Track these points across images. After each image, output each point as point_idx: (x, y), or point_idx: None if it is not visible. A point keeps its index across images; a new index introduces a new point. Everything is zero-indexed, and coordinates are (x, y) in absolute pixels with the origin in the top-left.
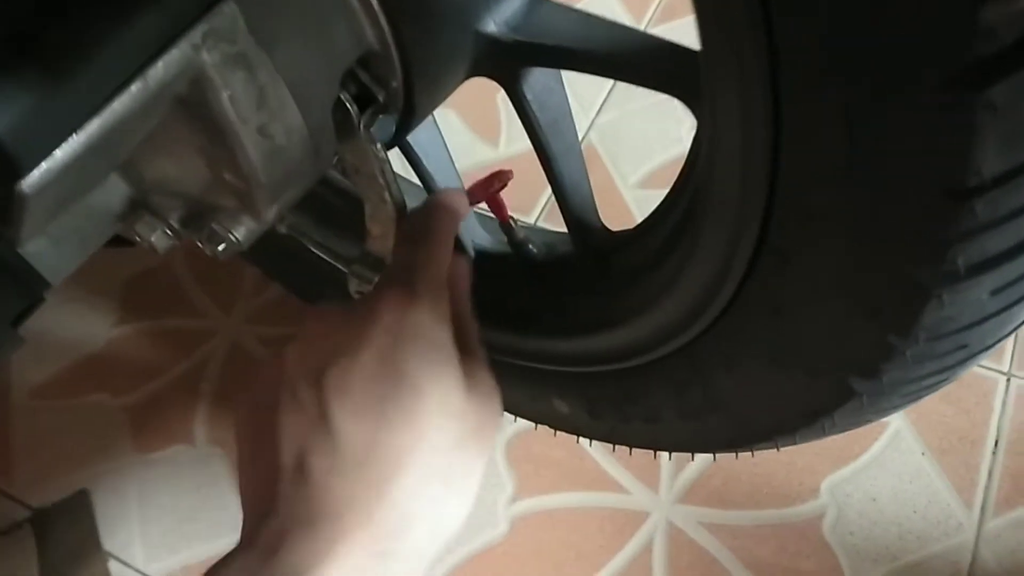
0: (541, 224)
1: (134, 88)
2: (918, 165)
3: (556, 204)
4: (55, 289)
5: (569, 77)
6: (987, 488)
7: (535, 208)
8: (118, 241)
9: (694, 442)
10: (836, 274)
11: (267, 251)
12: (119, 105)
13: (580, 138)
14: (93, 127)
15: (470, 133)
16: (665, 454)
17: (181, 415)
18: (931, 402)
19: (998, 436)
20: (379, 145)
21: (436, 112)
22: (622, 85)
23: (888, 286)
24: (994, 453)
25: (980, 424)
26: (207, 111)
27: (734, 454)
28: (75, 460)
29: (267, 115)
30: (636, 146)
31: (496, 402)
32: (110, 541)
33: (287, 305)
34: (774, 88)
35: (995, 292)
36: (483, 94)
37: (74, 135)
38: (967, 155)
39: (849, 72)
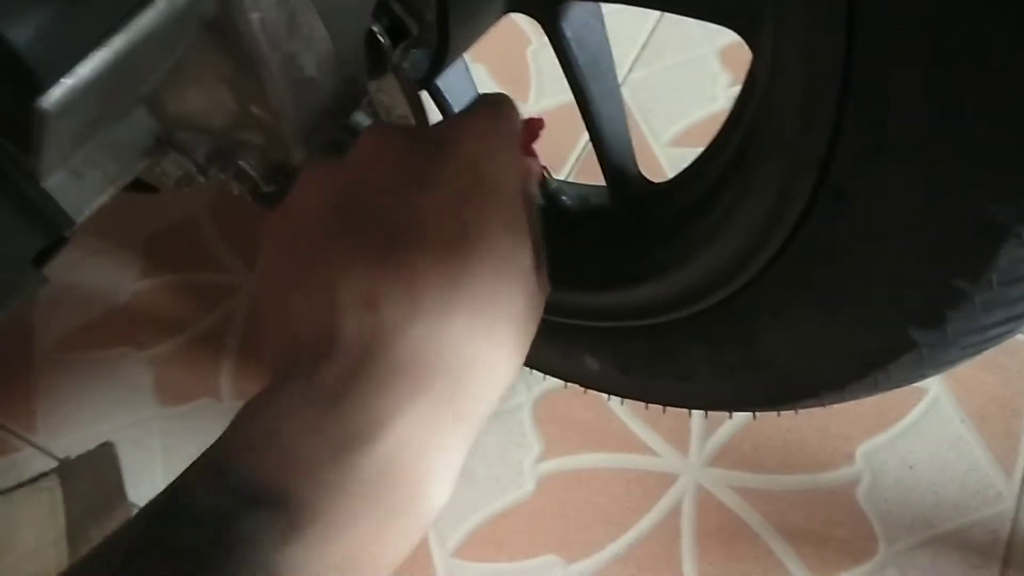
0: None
1: (160, 2)
2: (1001, 86)
3: (585, 161)
4: (81, 242)
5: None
6: None
7: (565, 165)
8: (141, 186)
9: (730, 400)
10: (901, 213)
11: None
12: (145, 20)
13: None
14: (117, 43)
15: (499, 87)
16: (695, 417)
17: (206, 369)
18: (971, 369)
19: None
20: (412, 83)
21: None
22: (656, 41)
23: (960, 224)
24: None
25: (1021, 392)
26: (235, 35)
27: (768, 416)
28: (99, 412)
29: (298, 43)
30: (669, 103)
31: (544, 296)
32: (134, 492)
33: None
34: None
35: None
36: (513, 48)
37: (97, 50)
38: None
39: None
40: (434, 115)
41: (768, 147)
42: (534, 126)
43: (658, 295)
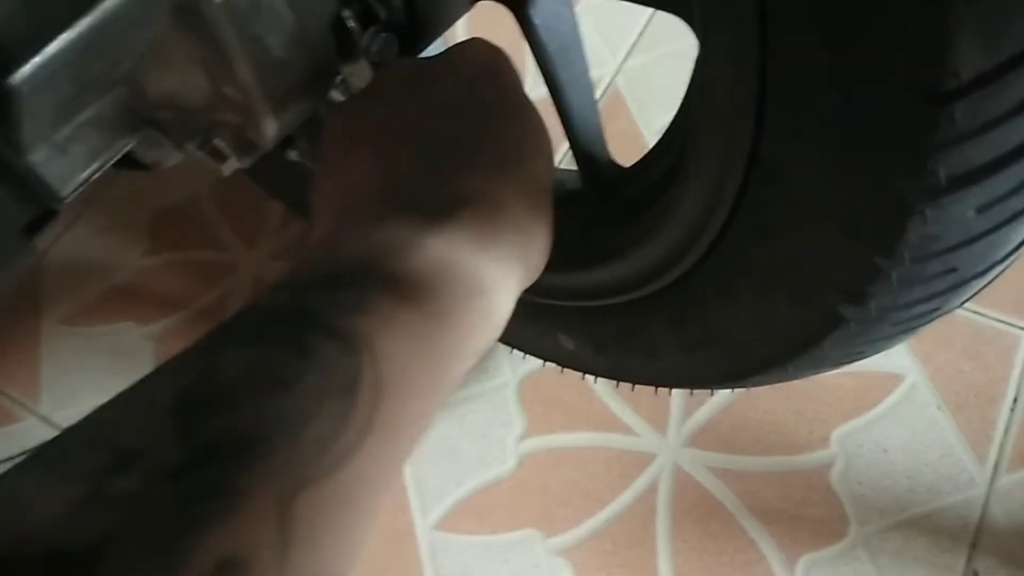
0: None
1: None
2: (894, 66)
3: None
4: (89, 220)
5: (599, 19)
6: (1002, 444)
7: (557, 154)
8: (133, 164)
9: (693, 377)
10: (819, 191)
11: (291, 184)
12: (111, 4)
13: (607, 82)
14: (84, 24)
15: None
16: (674, 398)
17: None
18: (950, 356)
19: (1017, 393)
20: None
21: None
22: (652, 29)
23: (870, 202)
24: (1012, 410)
25: (999, 380)
26: (203, 19)
27: (747, 398)
28: (101, 385)
29: (263, 26)
30: (663, 92)
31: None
32: None
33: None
34: None
35: (981, 209)
36: (508, 37)
37: (65, 32)
38: (943, 53)
39: None
40: None
41: (706, 129)
42: None
43: (624, 274)
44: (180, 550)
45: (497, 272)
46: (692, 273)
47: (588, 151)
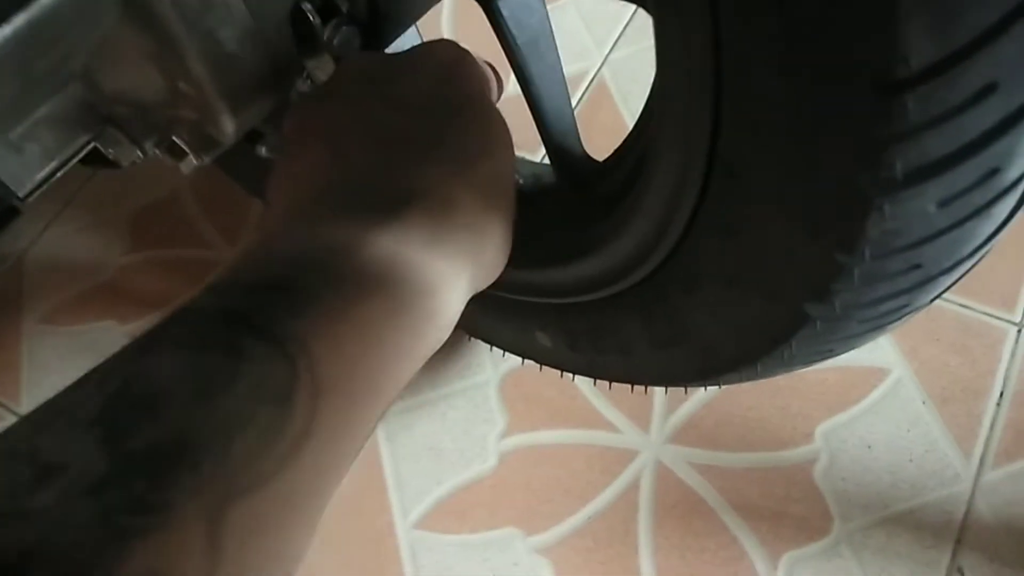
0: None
1: None
2: (844, 53)
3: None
4: (69, 217)
5: (585, 11)
6: (988, 439)
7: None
8: (103, 162)
9: (667, 375)
10: (779, 186)
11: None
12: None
13: (593, 74)
14: (20, 20)
15: None
16: (657, 395)
17: None
18: (936, 350)
19: (1004, 387)
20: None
21: None
22: (638, 21)
23: (828, 197)
24: (998, 404)
25: (986, 374)
26: (150, 13)
27: (730, 394)
28: None
29: (214, 20)
30: (649, 84)
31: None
32: None
33: None
34: None
35: (942, 204)
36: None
37: (2, 27)
38: (893, 41)
39: None
40: None
41: (666, 124)
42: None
43: (598, 270)
44: (103, 566)
45: (448, 270)
46: (661, 269)
47: (561, 145)
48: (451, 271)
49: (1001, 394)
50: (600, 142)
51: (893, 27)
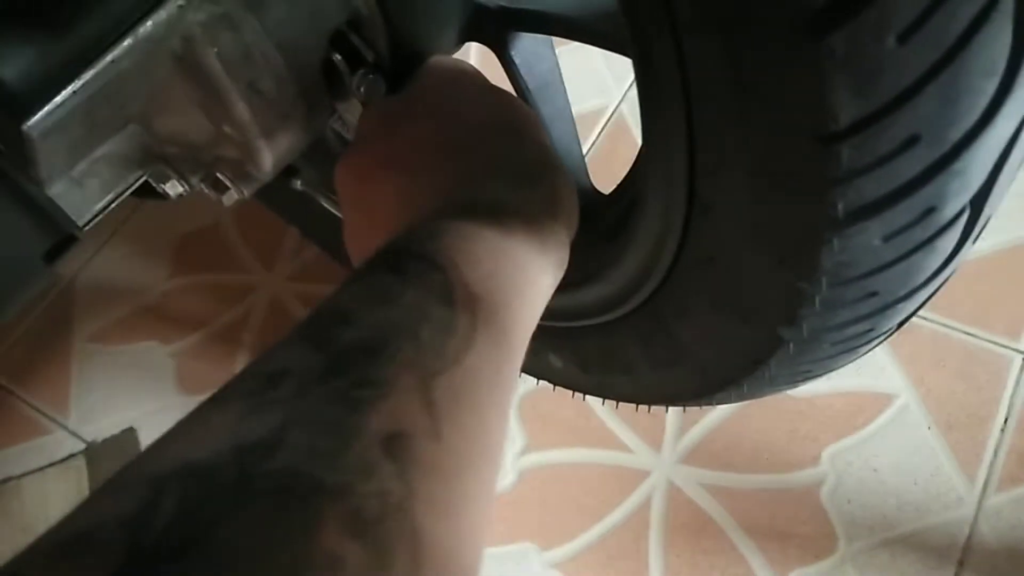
0: None
1: (126, 43)
2: (788, 110)
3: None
4: (118, 244)
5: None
6: (992, 464)
7: None
8: (153, 194)
9: (667, 394)
10: (746, 221)
11: (304, 211)
12: (113, 58)
13: (612, 110)
14: (89, 76)
15: None
16: (670, 416)
17: (224, 361)
18: (942, 377)
19: (1008, 414)
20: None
21: None
22: None
23: (787, 232)
24: (1002, 430)
25: (991, 401)
26: (199, 67)
27: (740, 416)
28: (127, 400)
29: (255, 71)
30: None
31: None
32: None
33: (323, 264)
34: (674, 36)
35: (886, 239)
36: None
37: (73, 82)
38: (822, 101)
39: (720, 22)
40: None
41: (653, 161)
42: None
43: (603, 295)
44: (349, 426)
45: (542, 259)
46: (656, 295)
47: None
48: (560, 237)
49: (1005, 420)
50: (620, 174)
51: (823, 91)
